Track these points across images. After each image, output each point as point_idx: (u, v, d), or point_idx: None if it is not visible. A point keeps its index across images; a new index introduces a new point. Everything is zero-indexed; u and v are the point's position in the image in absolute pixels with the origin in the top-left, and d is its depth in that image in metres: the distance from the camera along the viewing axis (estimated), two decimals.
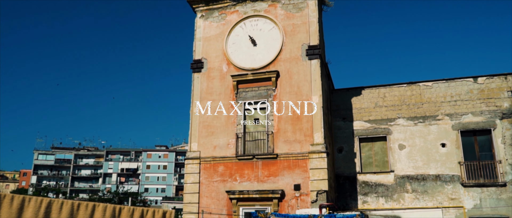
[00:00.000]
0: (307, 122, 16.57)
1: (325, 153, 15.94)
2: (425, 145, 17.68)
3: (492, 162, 16.96)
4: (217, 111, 17.69)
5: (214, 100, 17.86)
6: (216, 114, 17.66)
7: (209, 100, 17.93)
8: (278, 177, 16.21)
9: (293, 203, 15.88)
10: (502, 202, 16.19)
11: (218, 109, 17.70)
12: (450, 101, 17.95)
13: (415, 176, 17.42)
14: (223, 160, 16.98)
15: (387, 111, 18.52)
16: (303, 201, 15.84)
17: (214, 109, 17.75)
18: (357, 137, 18.58)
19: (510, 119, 17.13)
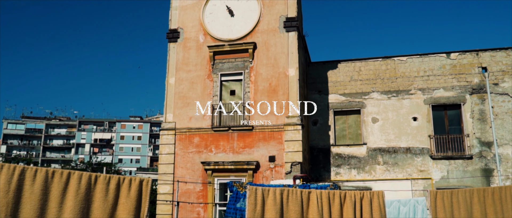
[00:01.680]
0: (283, 94, 16.65)
1: (300, 125, 16.13)
2: (398, 119, 18.09)
3: (460, 136, 17.55)
4: (193, 82, 17.53)
5: (190, 71, 17.66)
6: (192, 85, 17.50)
7: (185, 71, 17.72)
8: (253, 149, 16.35)
9: (268, 174, 16.10)
10: (468, 174, 16.87)
11: (194, 80, 17.54)
12: (423, 76, 18.31)
13: (386, 149, 17.88)
14: (199, 131, 16.95)
15: (362, 85, 18.77)
16: (278, 172, 16.08)
17: (190, 80, 17.58)
18: (332, 110, 18.83)
19: (479, 94, 17.66)
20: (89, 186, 4.52)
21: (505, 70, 17.65)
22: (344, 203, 4.08)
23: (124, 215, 4.47)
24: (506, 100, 17.37)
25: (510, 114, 17.20)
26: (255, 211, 3.65)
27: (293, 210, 3.81)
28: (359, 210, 4.13)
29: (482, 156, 17.08)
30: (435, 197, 4.60)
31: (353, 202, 4.12)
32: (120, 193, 4.56)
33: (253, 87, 16.98)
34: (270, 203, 3.73)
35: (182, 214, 16.18)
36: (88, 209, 4.44)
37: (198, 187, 16.40)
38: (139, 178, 4.77)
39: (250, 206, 3.63)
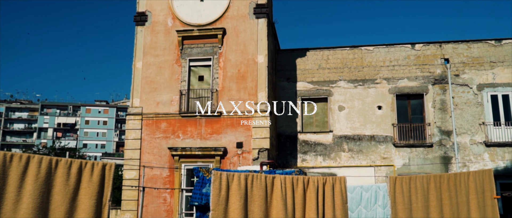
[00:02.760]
0: (251, 81, 16.68)
1: (268, 112, 16.24)
2: (363, 107, 18.50)
3: (422, 125, 18.16)
4: (161, 67, 17.28)
5: (158, 56, 17.38)
6: (160, 69, 17.25)
7: (152, 55, 17.42)
8: (221, 135, 16.36)
9: (235, 160, 16.18)
10: (428, 161, 17.52)
11: (162, 64, 17.29)
12: (388, 66, 18.75)
13: (352, 136, 18.29)
14: (166, 116, 16.78)
15: (330, 73, 19.03)
16: (245, 158, 16.19)
17: (158, 65, 17.31)
18: (300, 97, 19.03)
19: (441, 84, 18.27)
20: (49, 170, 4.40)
21: (466, 62, 18.31)
22: (307, 188, 4.17)
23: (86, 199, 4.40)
24: (466, 91, 18.05)
25: (469, 104, 17.91)
26: (219, 195, 3.68)
27: (258, 195, 3.87)
28: (321, 195, 4.24)
29: (441, 144, 17.76)
30: (394, 183, 4.78)
31: (316, 187, 4.21)
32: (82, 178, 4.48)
33: (222, 73, 16.92)
34: (234, 188, 3.77)
35: (148, 199, 16.08)
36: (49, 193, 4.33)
37: (165, 172, 16.30)
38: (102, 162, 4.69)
39: (214, 191, 3.66)
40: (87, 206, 4.36)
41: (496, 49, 18.22)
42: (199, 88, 17.14)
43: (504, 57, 18.08)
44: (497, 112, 17.74)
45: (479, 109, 17.80)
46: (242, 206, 3.73)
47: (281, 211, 3.92)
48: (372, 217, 7.52)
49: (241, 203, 3.74)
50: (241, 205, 3.72)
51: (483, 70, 18.12)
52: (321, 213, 4.19)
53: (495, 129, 17.57)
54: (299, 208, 4.06)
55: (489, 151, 17.40)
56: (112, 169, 4.66)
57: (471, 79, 18.12)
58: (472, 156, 17.46)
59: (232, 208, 3.71)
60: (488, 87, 17.92)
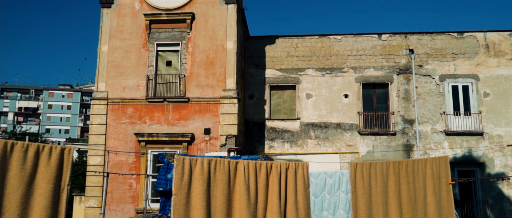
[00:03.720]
0: (220, 67, 16.60)
1: (236, 98, 16.25)
2: (330, 95, 18.78)
3: (386, 113, 18.64)
4: (127, 51, 16.91)
5: (125, 39, 17.00)
6: (126, 53, 16.89)
7: (119, 39, 17.02)
8: (188, 121, 16.26)
9: (203, 147, 16.15)
10: (391, 149, 18.04)
11: (129, 48, 16.92)
12: (355, 55, 19.06)
13: (318, 124, 18.57)
14: (133, 101, 16.50)
15: (298, 61, 19.18)
16: (213, 144, 16.18)
17: (124, 48, 16.94)
18: (268, 84, 19.11)
19: (405, 74, 18.76)
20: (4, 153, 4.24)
21: (429, 53, 18.85)
22: (270, 173, 4.23)
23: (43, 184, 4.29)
24: (429, 81, 18.62)
25: (431, 94, 18.50)
26: (182, 180, 3.67)
27: (221, 180, 3.89)
28: (284, 180, 4.30)
29: (404, 133, 18.31)
30: (355, 168, 4.91)
31: (279, 172, 4.27)
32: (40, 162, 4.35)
33: (190, 58, 16.75)
34: (197, 172, 3.77)
35: (114, 186, 15.84)
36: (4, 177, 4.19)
37: (130, 158, 16.09)
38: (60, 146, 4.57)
39: (177, 175, 3.65)
40: (44, 191, 4.25)
41: (458, 41, 18.83)
42: (167, 73, 16.92)
43: (465, 49, 18.72)
44: (457, 102, 18.42)
45: (441, 99, 18.43)
46: (204, 190, 3.74)
47: (244, 196, 3.95)
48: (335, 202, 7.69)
49: (203, 188, 3.75)
50: (203, 190, 3.73)
51: (445, 62, 18.71)
52: (284, 197, 4.26)
53: (454, 118, 18.26)
54: (262, 192, 4.11)
55: (449, 140, 18.09)
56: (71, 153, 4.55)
57: (433, 70, 18.69)
58: (432, 144, 18.10)
59: (194, 193, 3.72)
60: (450, 78, 18.55)
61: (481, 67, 18.52)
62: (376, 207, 5.01)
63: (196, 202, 3.68)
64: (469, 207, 17.57)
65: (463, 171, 17.93)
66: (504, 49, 18.59)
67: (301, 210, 4.33)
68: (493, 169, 17.64)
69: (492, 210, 17.41)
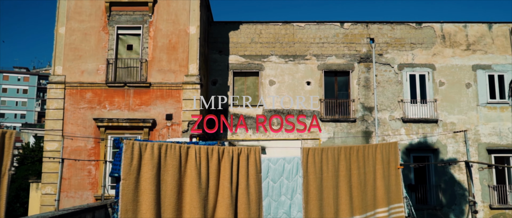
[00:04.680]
0: (183, 52, 16.40)
1: (199, 84, 16.14)
2: (293, 82, 18.97)
3: (347, 101, 19.04)
4: (86, 33, 16.39)
5: (83, 22, 16.45)
6: (85, 36, 16.37)
7: (77, 21, 16.45)
8: (150, 106, 16.03)
9: (164, 132, 16.00)
10: (351, 135, 18.50)
11: (87, 31, 16.40)
12: (318, 43, 19.29)
13: (281, 110, 18.75)
14: (92, 86, 16.08)
15: (262, 48, 19.20)
16: (175, 130, 16.05)
17: (83, 31, 16.40)
18: (232, 70, 19.06)
19: (366, 63, 19.18)
20: None
21: (389, 43, 19.32)
22: (222, 158, 4.26)
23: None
24: (388, 70, 19.13)
25: (390, 83, 19.03)
26: (131, 165, 3.65)
27: (171, 165, 3.89)
28: (236, 164, 4.35)
29: (364, 120, 18.79)
30: (307, 153, 5.03)
31: (231, 157, 4.31)
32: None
33: (152, 43, 16.44)
34: (147, 157, 3.75)
35: (72, 172, 15.48)
36: None
37: (90, 144, 15.73)
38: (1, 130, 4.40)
39: (126, 160, 3.62)
40: None
41: (416, 31, 19.39)
42: (127, 58, 16.55)
43: (423, 39, 19.32)
44: (414, 90, 19.05)
45: (399, 87, 19.00)
46: (154, 175, 3.73)
47: (195, 180, 3.97)
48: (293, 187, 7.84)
49: (153, 173, 3.74)
50: (153, 175, 3.72)
51: (404, 51, 19.25)
52: (235, 182, 4.31)
53: (411, 106, 18.89)
54: (214, 177, 4.14)
55: (406, 127, 18.73)
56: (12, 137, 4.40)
57: (393, 59, 19.21)
58: (390, 131, 18.69)
59: (144, 177, 3.70)
60: (408, 67, 19.13)
61: (437, 57, 19.18)
62: (327, 190, 5.16)
63: (145, 187, 3.66)
64: (423, 191, 18.34)
65: (418, 156, 18.65)
66: (459, 40, 19.31)
67: (253, 194, 4.40)
68: (446, 155, 18.44)
69: (444, 194, 18.25)
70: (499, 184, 18.35)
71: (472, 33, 19.35)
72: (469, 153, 10.90)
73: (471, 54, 19.21)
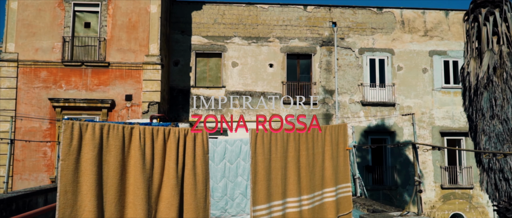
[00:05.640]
0: (143, 31, 16.05)
1: (160, 64, 15.89)
2: (256, 64, 18.98)
3: (309, 83, 19.28)
4: (41, 9, 15.71)
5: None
6: (39, 12, 15.69)
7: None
8: (108, 86, 15.67)
9: (124, 113, 15.72)
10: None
11: (42, 7, 15.72)
12: (281, 25, 19.31)
13: (243, 92, 18.78)
14: (47, 65, 15.51)
15: (225, 29, 19.04)
16: (134, 111, 15.79)
17: (37, 7, 15.71)
18: (194, 51, 18.84)
19: (328, 46, 19.40)
20: None
21: (351, 27, 19.60)
22: (168, 139, 4.25)
23: None
24: (349, 54, 19.44)
25: (351, 67, 19.37)
26: (70, 145, 3.58)
27: (114, 145, 3.84)
28: (182, 145, 4.35)
29: (325, 102, 19.11)
30: (255, 135, 5.09)
31: (177, 138, 4.31)
32: None
33: (111, 21, 15.98)
34: (88, 137, 3.69)
35: (26, 154, 14.99)
36: None
37: (45, 125, 15.25)
38: None
39: (65, 140, 3.54)
40: None
41: (377, 16, 19.74)
42: (85, 36, 16.03)
43: (383, 24, 19.71)
44: (373, 74, 19.50)
45: (359, 71, 19.38)
46: (95, 156, 3.68)
47: (139, 161, 3.95)
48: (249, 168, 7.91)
49: (94, 153, 3.68)
50: (94, 155, 3.67)
51: (365, 35, 19.59)
52: (181, 163, 4.31)
53: (370, 89, 19.35)
54: (159, 158, 4.13)
55: (364, 110, 19.20)
56: None
57: (354, 43, 19.52)
58: (350, 113, 19.12)
59: (84, 158, 3.64)
60: (368, 52, 19.51)
61: (396, 42, 19.66)
62: (275, 171, 5.25)
63: (86, 168, 3.61)
64: (379, 172, 18.98)
65: (375, 138, 19.22)
66: (417, 26, 19.83)
67: (199, 175, 4.42)
68: (402, 137, 19.10)
69: (399, 175, 18.96)
70: (450, 165, 19.24)
71: (430, 20, 19.91)
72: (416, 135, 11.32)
73: (428, 40, 19.79)
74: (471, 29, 12.19)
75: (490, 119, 11.19)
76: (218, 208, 8.68)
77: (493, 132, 11.10)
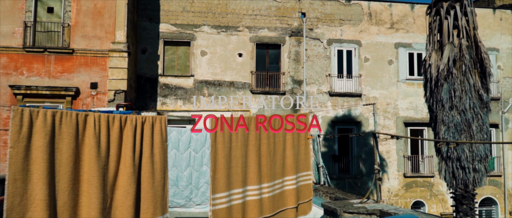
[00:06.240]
0: (109, 18, 15.68)
1: (127, 52, 15.59)
2: (225, 54, 18.91)
3: (277, 73, 19.38)
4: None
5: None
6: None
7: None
8: (73, 74, 15.28)
9: (89, 102, 15.39)
10: (280, 107, 18.94)
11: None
12: (251, 15, 19.27)
13: (212, 82, 18.70)
14: (7, 50, 14.94)
15: (194, 17, 18.84)
16: (100, 100, 15.48)
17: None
18: (162, 39, 18.57)
19: (297, 37, 19.52)
20: None
21: (320, 18, 19.77)
22: (124, 127, 4.20)
23: None
24: (317, 44, 19.64)
25: (319, 57, 19.58)
26: (20, 132, 3.49)
27: (67, 133, 3.77)
28: (140, 133, 4.31)
29: (293, 92, 19.28)
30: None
31: (134, 126, 4.27)
32: None
33: (76, 6, 15.52)
34: (39, 125, 3.60)
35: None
36: None
37: (5, 113, 14.74)
38: None
39: (14, 127, 3.45)
40: None
41: (345, 8, 19.98)
42: (48, 21, 15.52)
43: (351, 16, 19.98)
44: (341, 65, 19.79)
45: (327, 62, 19.62)
46: (47, 143, 3.60)
47: (94, 149, 3.90)
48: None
49: (46, 140, 3.61)
50: (45, 143, 3.60)
51: (333, 27, 19.82)
52: (138, 151, 4.28)
53: (338, 80, 19.65)
54: (115, 145, 4.08)
55: (332, 100, 19.49)
56: None
57: (322, 34, 19.72)
58: (318, 103, 19.37)
59: (35, 146, 3.56)
60: (336, 43, 19.75)
61: (363, 34, 19.98)
62: (235, 159, 5.29)
63: (36, 155, 3.53)
64: (345, 161, 19.38)
65: (342, 128, 19.58)
66: (384, 18, 20.21)
67: (157, 163, 4.40)
68: (368, 127, 19.54)
69: (364, 164, 19.42)
70: (413, 155, 19.86)
71: (396, 12, 20.32)
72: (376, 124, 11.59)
73: (394, 33, 20.22)
74: (433, 22, 12.54)
75: (449, 109, 11.59)
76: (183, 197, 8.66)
77: (452, 122, 11.52)
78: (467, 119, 11.45)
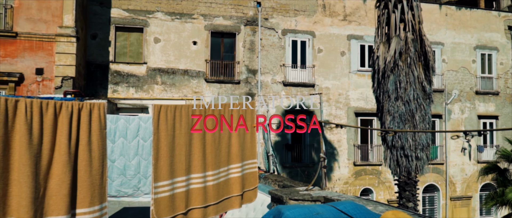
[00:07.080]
0: (56, 0, 15.00)
1: (75, 37, 15.02)
2: (179, 41, 18.63)
3: (232, 62, 19.35)
4: None
5: None
6: None
7: None
8: (16, 59, 14.54)
9: (34, 88, 14.73)
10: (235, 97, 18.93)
11: None
12: (206, 3, 19.06)
13: (166, 69, 18.40)
14: None
15: (147, 3, 18.39)
16: (46, 86, 14.86)
17: None
18: (114, 25, 18.01)
19: (252, 26, 19.54)
20: None
21: (275, 8, 19.87)
22: (59, 114, 4.06)
23: None
24: (272, 34, 19.75)
25: (274, 47, 19.72)
26: None
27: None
28: (76, 120, 4.19)
29: (247, 82, 19.34)
30: (158, 111, 5.04)
31: (70, 112, 4.14)
32: None
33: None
34: None
35: None
36: None
37: None
38: None
39: None
40: None
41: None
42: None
43: (306, 7, 20.22)
44: (295, 55, 20.04)
45: (281, 52, 19.80)
46: None
47: (25, 136, 3.75)
48: None
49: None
50: None
51: (288, 17, 19.98)
52: (75, 138, 4.16)
53: (292, 70, 19.90)
54: (48, 133, 3.95)
55: (286, 90, 19.74)
56: None
57: (277, 24, 19.85)
58: (272, 93, 19.55)
59: None
60: (291, 33, 19.96)
61: (317, 25, 20.30)
62: (179, 147, 5.26)
63: None
64: (298, 150, 19.74)
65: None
66: (337, 11, 20.62)
67: (95, 151, 4.30)
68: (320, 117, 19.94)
69: (317, 153, 19.88)
70: (363, 144, 20.54)
71: (349, 5, 20.78)
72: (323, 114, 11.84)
73: (347, 25, 20.68)
74: (381, 15, 12.94)
75: (395, 100, 12.06)
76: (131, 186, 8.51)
77: (397, 112, 12.00)
78: (411, 109, 11.98)
